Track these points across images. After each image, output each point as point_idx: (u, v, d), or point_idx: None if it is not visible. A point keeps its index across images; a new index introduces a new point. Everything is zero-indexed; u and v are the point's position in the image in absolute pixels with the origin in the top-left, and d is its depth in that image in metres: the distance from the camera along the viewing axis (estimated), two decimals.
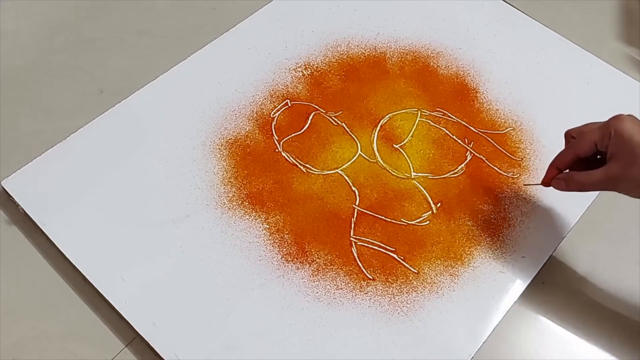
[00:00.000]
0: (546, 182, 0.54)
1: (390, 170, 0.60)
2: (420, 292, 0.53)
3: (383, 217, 0.57)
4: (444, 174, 0.60)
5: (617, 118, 0.49)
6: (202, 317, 0.51)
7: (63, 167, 0.58)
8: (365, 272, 0.54)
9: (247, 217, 0.56)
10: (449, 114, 0.64)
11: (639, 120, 0.49)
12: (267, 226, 0.56)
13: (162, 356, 0.49)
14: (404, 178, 0.60)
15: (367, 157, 0.61)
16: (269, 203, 0.57)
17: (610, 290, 0.55)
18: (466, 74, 0.67)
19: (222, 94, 0.64)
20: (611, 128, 0.49)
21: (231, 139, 0.61)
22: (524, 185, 0.59)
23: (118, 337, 0.51)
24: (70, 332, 0.51)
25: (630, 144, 0.47)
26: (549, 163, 0.54)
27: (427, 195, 0.59)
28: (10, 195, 0.56)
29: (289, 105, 0.64)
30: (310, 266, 0.54)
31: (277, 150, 0.61)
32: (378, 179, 0.60)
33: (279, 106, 0.64)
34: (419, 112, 0.64)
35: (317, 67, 0.67)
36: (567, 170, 0.53)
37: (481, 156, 0.61)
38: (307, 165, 0.60)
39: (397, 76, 0.67)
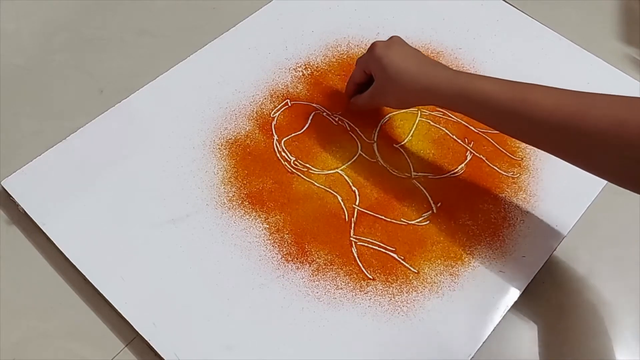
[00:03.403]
0: (345, 108, 0.64)
1: (390, 170, 0.60)
2: (420, 292, 0.53)
3: (383, 217, 0.57)
4: (444, 174, 0.60)
5: (373, 45, 0.58)
6: (202, 317, 0.51)
7: (63, 167, 0.58)
8: (365, 272, 0.54)
9: (247, 217, 0.56)
10: (449, 114, 0.64)
11: (394, 42, 0.57)
12: (267, 226, 0.56)
13: (162, 356, 0.49)
14: (404, 178, 0.60)
15: (367, 157, 0.61)
16: (269, 203, 0.57)
17: (610, 290, 0.55)
18: None
19: (222, 94, 0.64)
20: (370, 54, 0.57)
21: (231, 138, 0.61)
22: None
23: (118, 337, 0.51)
24: (70, 332, 0.51)
25: (380, 64, 0.56)
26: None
27: (427, 195, 0.59)
28: (10, 195, 0.56)
29: (289, 105, 0.64)
30: (310, 266, 0.54)
31: (277, 149, 0.61)
32: (378, 178, 0.60)
33: (279, 106, 0.64)
34: (419, 111, 0.64)
35: (317, 67, 0.67)
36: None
37: (481, 156, 0.61)
38: (307, 165, 0.60)
39: None
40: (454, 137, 0.63)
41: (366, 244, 0.56)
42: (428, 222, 0.57)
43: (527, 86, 0.50)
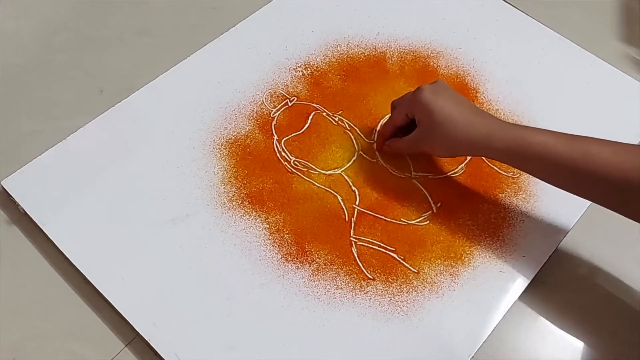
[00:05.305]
0: (379, 149, 0.61)
1: (390, 170, 0.60)
2: (420, 292, 0.53)
3: (383, 217, 0.57)
4: (444, 174, 0.60)
5: (419, 89, 0.55)
6: (202, 317, 0.51)
7: (63, 167, 0.58)
8: (365, 271, 0.54)
9: (247, 216, 0.56)
10: None
11: (440, 87, 0.55)
12: (267, 226, 0.56)
13: (162, 356, 0.49)
14: (404, 177, 0.60)
15: (367, 157, 0.61)
16: (269, 203, 0.57)
17: (610, 290, 0.55)
18: (466, 73, 0.67)
19: (222, 94, 0.64)
20: (415, 98, 0.55)
21: (231, 138, 0.61)
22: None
23: (118, 337, 0.51)
24: (70, 332, 0.51)
25: (427, 110, 0.54)
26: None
27: (427, 195, 0.59)
28: (10, 195, 0.56)
29: (289, 105, 0.64)
30: (310, 266, 0.54)
31: (277, 149, 0.61)
32: (378, 178, 0.60)
33: (279, 106, 0.64)
34: None
35: (317, 67, 0.67)
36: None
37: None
38: (308, 165, 0.60)
39: (397, 76, 0.67)
40: None
41: (366, 244, 0.56)
42: (428, 222, 0.57)
43: (585, 139, 0.49)
